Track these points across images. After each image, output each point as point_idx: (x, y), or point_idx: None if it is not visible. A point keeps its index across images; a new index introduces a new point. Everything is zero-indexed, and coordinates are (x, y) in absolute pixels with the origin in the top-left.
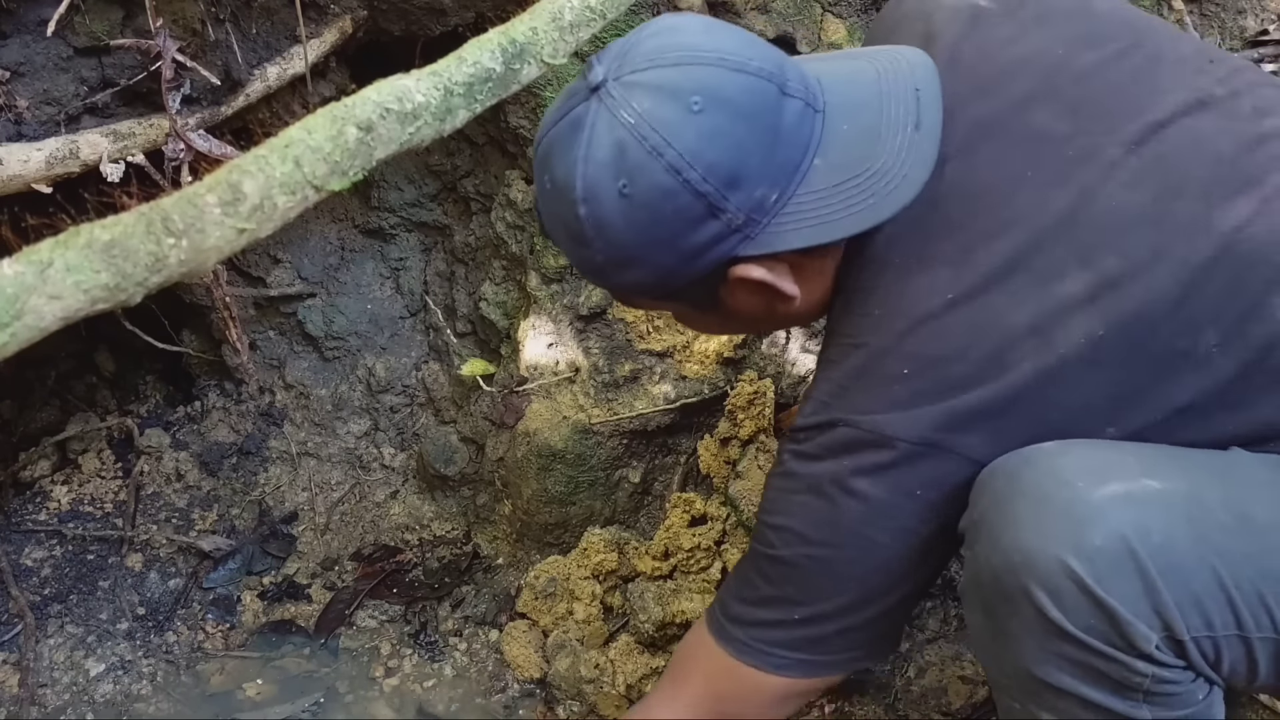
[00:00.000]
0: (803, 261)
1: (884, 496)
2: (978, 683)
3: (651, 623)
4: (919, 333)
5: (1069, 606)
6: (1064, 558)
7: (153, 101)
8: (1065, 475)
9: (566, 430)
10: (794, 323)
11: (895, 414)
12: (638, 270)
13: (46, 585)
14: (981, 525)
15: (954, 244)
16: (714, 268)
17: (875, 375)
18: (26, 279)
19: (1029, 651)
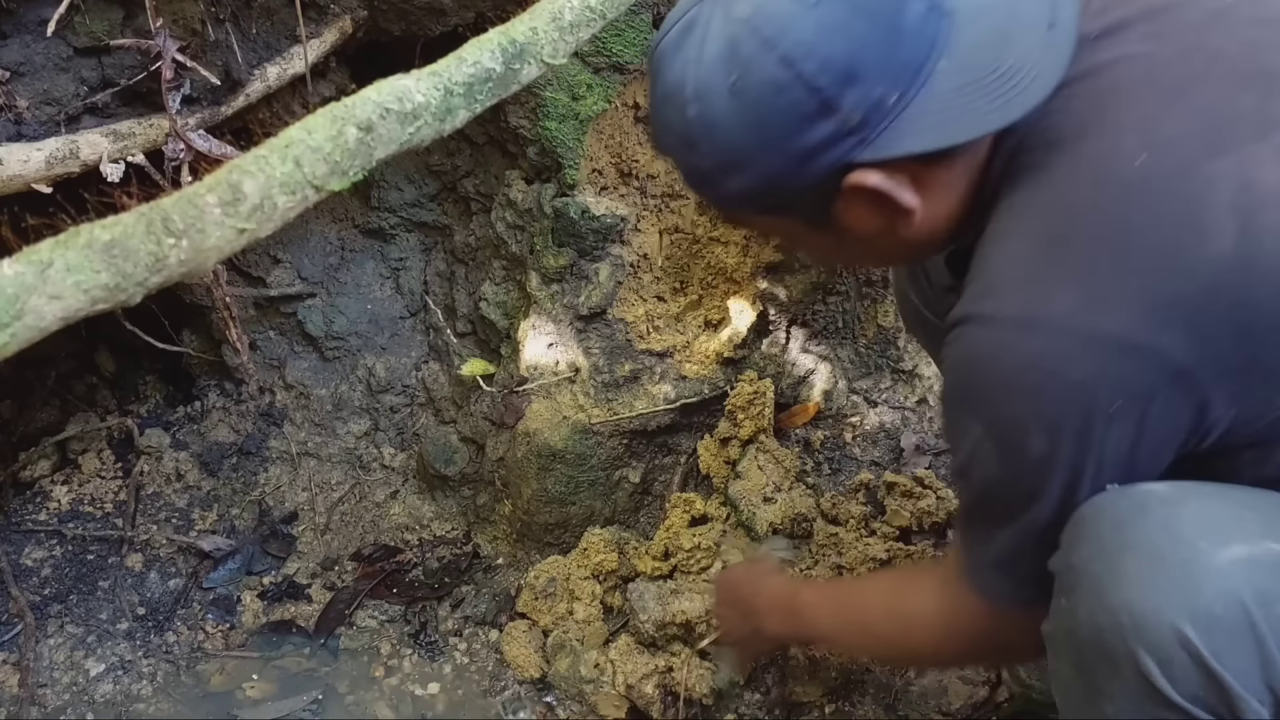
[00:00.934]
0: (924, 173)
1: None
2: (977, 683)
3: (652, 622)
4: (1109, 194)
5: (1178, 676)
6: (1179, 625)
7: (153, 101)
8: (1183, 532)
9: (566, 430)
10: (914, 253)
11: (1082, 305)
12: (745, 175)
13: (46, 585)
14: (1084, 575)
15: (1136, 113)
16: (827, 175)
17: (1056, 258)
18: (26, 279)
19: (1123, 714)
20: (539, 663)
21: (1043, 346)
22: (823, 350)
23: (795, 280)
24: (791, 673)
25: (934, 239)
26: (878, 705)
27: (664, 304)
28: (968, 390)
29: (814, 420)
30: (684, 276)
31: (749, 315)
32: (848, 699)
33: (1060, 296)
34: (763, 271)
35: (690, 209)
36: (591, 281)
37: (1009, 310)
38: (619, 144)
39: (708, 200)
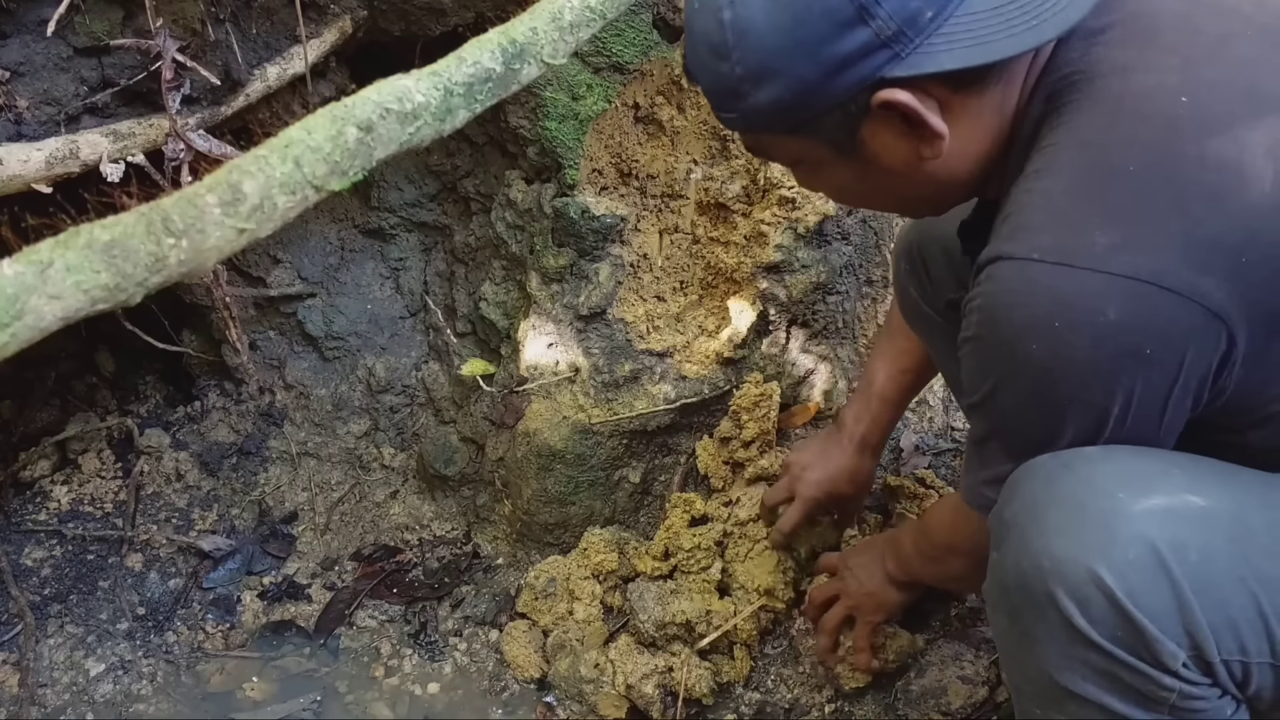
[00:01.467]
0: (954, 100)
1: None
2: (977, 683)
3: (652, 622)
4: (1152, 132)
5: (1096, 617)
6: (1095, 568)
7: (153, 101)
8: (1105, 484)
9: (566, 430)
10: (936, 194)
11: (1121, 245)
12: (776, 85)
13: (46, 585)
14: (1012, 527)
15: (1178, 57)
16: (858, 90)
17: (1095, 196)
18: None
19: (1053, 658)
20: (539, 663)
21: (1079, 287)
22: (823, 350)
23: (795, 280)
24: (791, 674)
25: (957, 180)
26: (877, 705)
27: (664, 304)
28: (997, 329)
29: (814, 420)
30: (684, 276)
31: (749, 315)
32: (848, 699)
33: (1099, 235)
34: (763, 271)
35: (690, 209)
36: (591, 281)
37: (1045, 248)
38: (619, 144)
39: (734, 123)
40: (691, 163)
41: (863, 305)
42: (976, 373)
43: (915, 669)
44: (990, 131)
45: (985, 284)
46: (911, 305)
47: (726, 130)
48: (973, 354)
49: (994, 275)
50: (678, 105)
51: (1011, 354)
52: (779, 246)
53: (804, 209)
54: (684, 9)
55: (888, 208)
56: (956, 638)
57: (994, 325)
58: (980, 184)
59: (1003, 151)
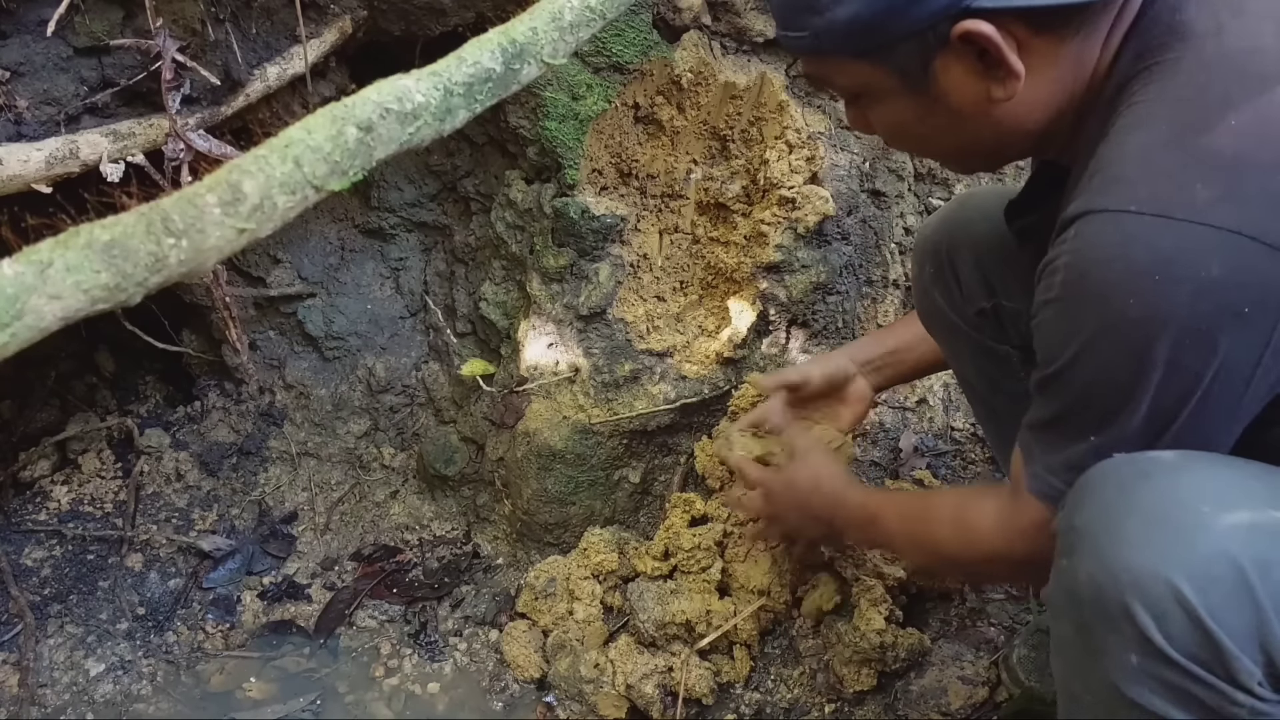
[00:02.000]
0: (1033, 42)
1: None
2: (977, 683)
3: (652, 622)
4: (1252, 89)
5: (1174, 632)
6: (1176, 582)
7: (153, 101)
8: (1186, 496)
9: (566, 430)
10: (998, 143)
11: (1223, 199)
12: (858, 1)
13: (46, 585)
14: (1085, 536)
15: (1271, 22)
16: (941, 17)
17: (1195, 150)
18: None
19: (1122, 671)
20: (539, 663)
21: (1180, 240)
22: (823, 350)
23: (795, 280)
24: (791, 674)
25: (1022, 129)
26: (877, 705)
27: (664, 304)
28: (1088, 286)
29: None
30: (684, 276)
31: (749, 315)
32: (848, 700)
33: (1200, 190)
34: (763, 271)
35: (690, 209)
36: (591, 281)
37: (1143, 200)
38: (619, 144)
39: (802, 42)
40: (691, 163)
41: (863, 305)
42: (1058, 338)
43: (915, 669)
44: (1065, 84)
45: (1073, 240)
46: (935, 311)
47: (727, 130)
48: (1056, 317)
49: (1085, 230)
50: (678, 105)
51: (1105, 312)
52: (779, 246)
53: (804, 209)
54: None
55: (942, 153)
56: (956, 638)
57: (1085, 282)
58: (1043, 141)
59: (1077, 110)
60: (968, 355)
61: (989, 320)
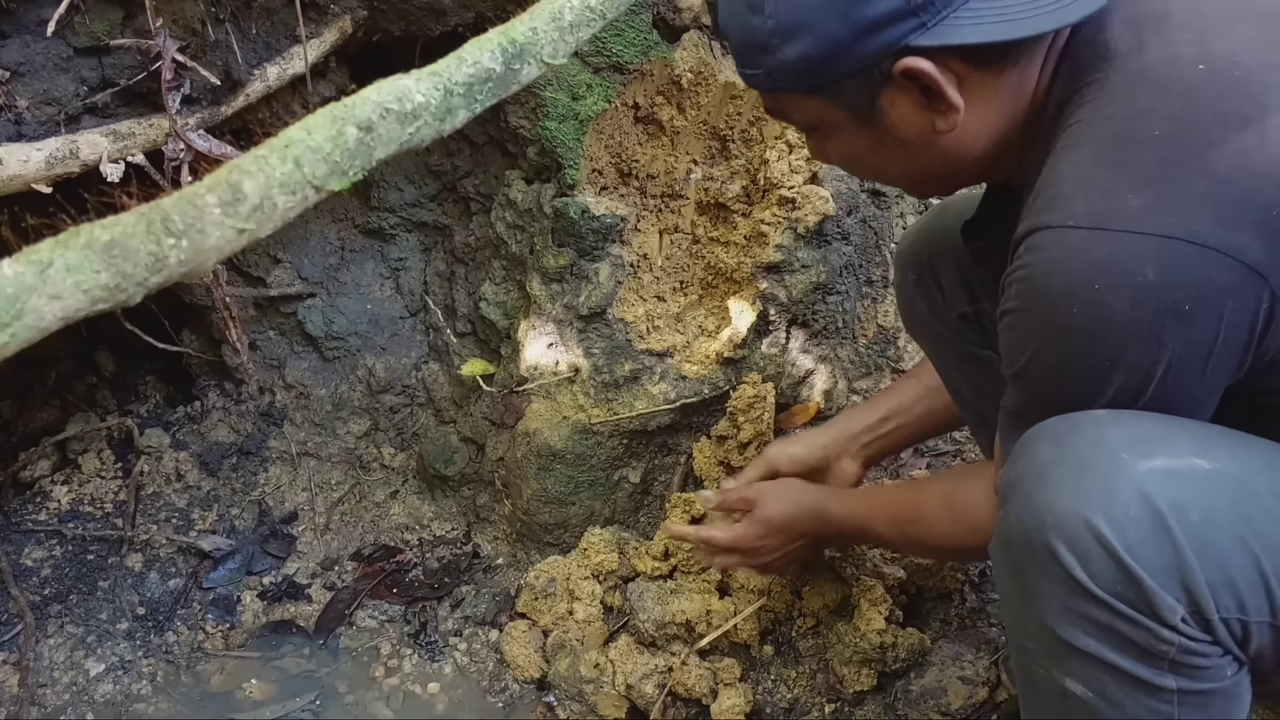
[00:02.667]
0: (972, 77)
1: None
2: (977, 683)
3: (652, 622)
4: (1173, 98)
5: (1096, 570)
6: (1094, 521)
7: (153, 101)
8: (1110, 445)
9: (566, 430)
10: (947, 171)
11: (1153, 207)
12: (805, 41)
13: (46, 585)
14: (1018, 484)
15: (1190, 33)
16: (882, 55)
17: (1124, 163)
18: (26, 279)
19: (1055, 612)
20: (539, 663)
21: (1115, 249)
22: (823, 350)
23: (795, 280)
24: (791, 674)
25: (969, 157)
26: (877, 705)
27: (664, 304)
28: (1037, 297)
29: (814, 420)
30: (684, 276)
31: (749, 315)
32: (848, 700)
33: (1130, 200)
34: (763, 271)
35: (690, 209)
36: (591, 281)
37: (1079, 216)
38: (619, 144)
39: (758, 80)
40: (691, 163)
41: (863, 305)
42: (1016, 344)
43: (915, 669)
44: (1006, 112)
45: (1024, 255)
46: (918, 317)
47: (727, 130)
48: (1012, 325)
49: (1032, 246)
50: (678, 105)
51: (1052, 320)
52: (779, 246)
53: (804, 209)
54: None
55: (897, 181)
56: (956, 638)
57: (1034, 294)
58: (991, 166)
59: (1021, 135)
60: (952, 361)
61: (971, 325)
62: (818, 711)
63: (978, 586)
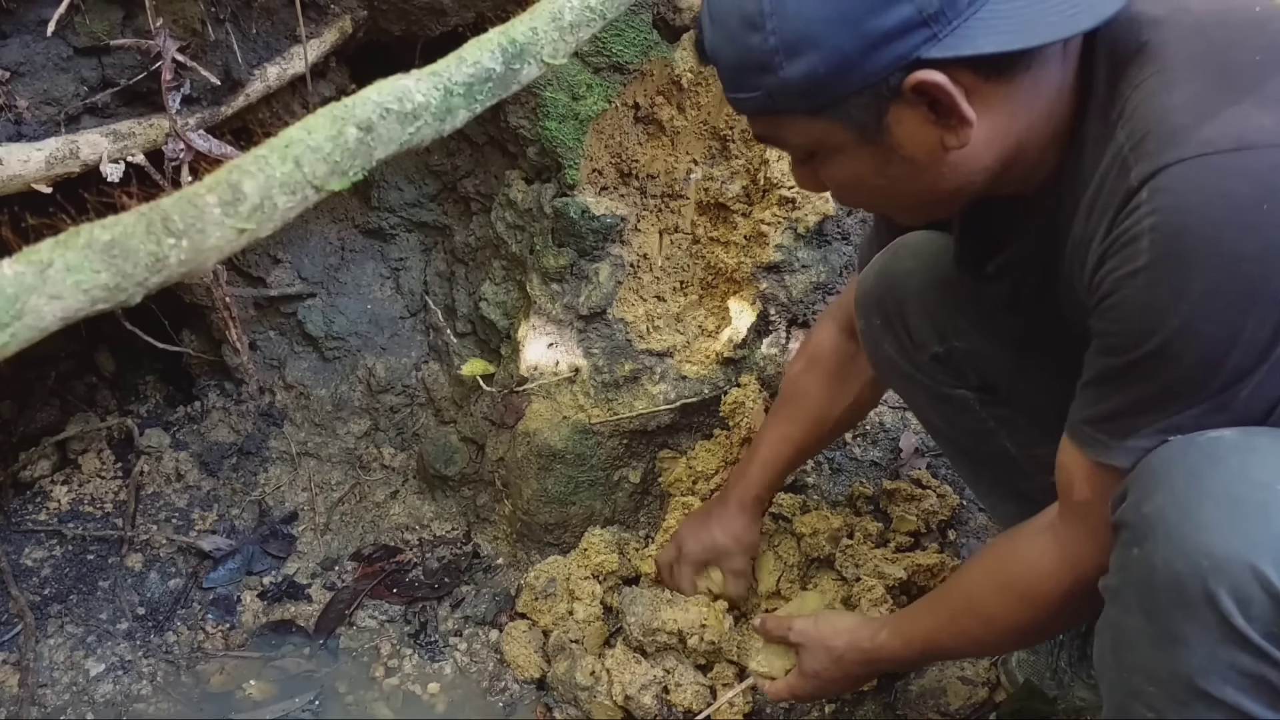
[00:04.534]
0: (983, 88)
1: None
2: (977, 684)
3: (639, 627)
4: (1248, 31)
5: (1256, 615)
6: (1258, 564)
7: (153, 101)
8: (1260, 476)
9: (566, 430)
10: (953, 190)
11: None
12: (812, 57)
13: (46, 585)
14: (1159, 523)
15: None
16: (892, 68)
17: (1234, 87)
18: (26, 279)
19: (1198, 660)
20: (539, 663)
21: (1273, 164)
22: None
23: (795, 280)
24: None
25: (979, 171)
26: (876, 705)
27: (664, 304)
28: (1190, 236)
29: None
30: (684, 276)
31: (749, 315)
32: (848, 700)
33: (1263, 118)
34: (763, 271)
35: (690, 209)
36: (591, 281)
37: (1215, 140)
38: (619, 144)
39: (755, 102)
40: (691, 163)
41: None
42: (1155, 306)
43: (915, 670)
44: (1018, 122)
45: (1155, 198)
46: (887, 361)
47: (727, 130)
48: (1149, 284)
49: (1165, 185)
50: (678, 105)
51: (1219, 257)
52: (779, 246)
53: (804, 209)
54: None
55: (898, 205)
56: None
57: (1185, 233)
58: (1001, 179)
59: (1044, 140)
60: (927, 402)
61: (942, 365)
62: (817, 711)
63: None
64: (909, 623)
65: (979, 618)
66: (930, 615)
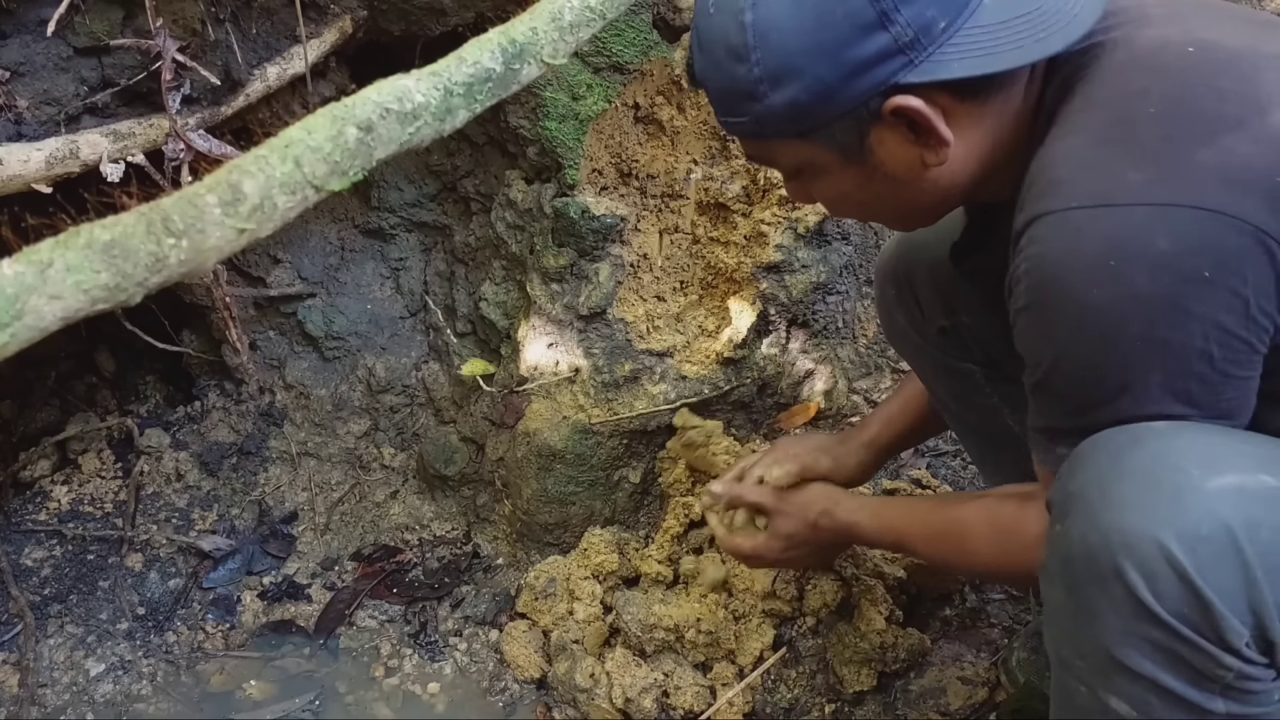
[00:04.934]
0: (958, 109)
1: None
2: (977, 684)
3: (638, 625)
4: (1166, 78)
5: (1163, 591)
6: (1165, 542)
7: (153, 101)
8: (1177, 460)
9: (566, 430)
10: (936, 202)
11: (1157, 179)
12: (794, 86)
13: (46, 585)
14: (1079, 500)
15: (1174, 26)
16: (871, 94)
17: (1121, 142)
18: (26, 279)
19: (1112, 632)
20: (539, 663)
21: (1124, 222)
22: (823, 350)
23: (795, 280)
24: (791, 674)
25: (957, 185)
26: (876, 705)
27: (664, 304)
28: (1051, 285)
29: (814, 420)
30: (684, 276)
31: (749, 315)
32: (848, 700)
33: (1133, 175)
34: (763, 271)
35: (690, 209)
36: (591, 281)
37: (1082, 195)
38: (619, 144)
39: (743, 128)
40: (691, 163)
41: (863, 305)
42: (1037, 343)
43: (915, 669)
44: (991, 137)
45: (1029, 246)
46: (899, 332)
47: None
48: (1029, 323)
49: (1036, 235)
50: (678, 105)
51: (1071, 306)
52: (779, 246)
53: (804, 209)
54: (694, 14)
55: (884, 217)
56: (956, 638)
57: (1047, 282)
58: (978, 189)
59: (1010, 152)
60: (934, 374)
61: (950, 338)
62: (818, 711)
63: (978, 587)
64: (890, 513)
65: (962, 547)
66: (913, 519)
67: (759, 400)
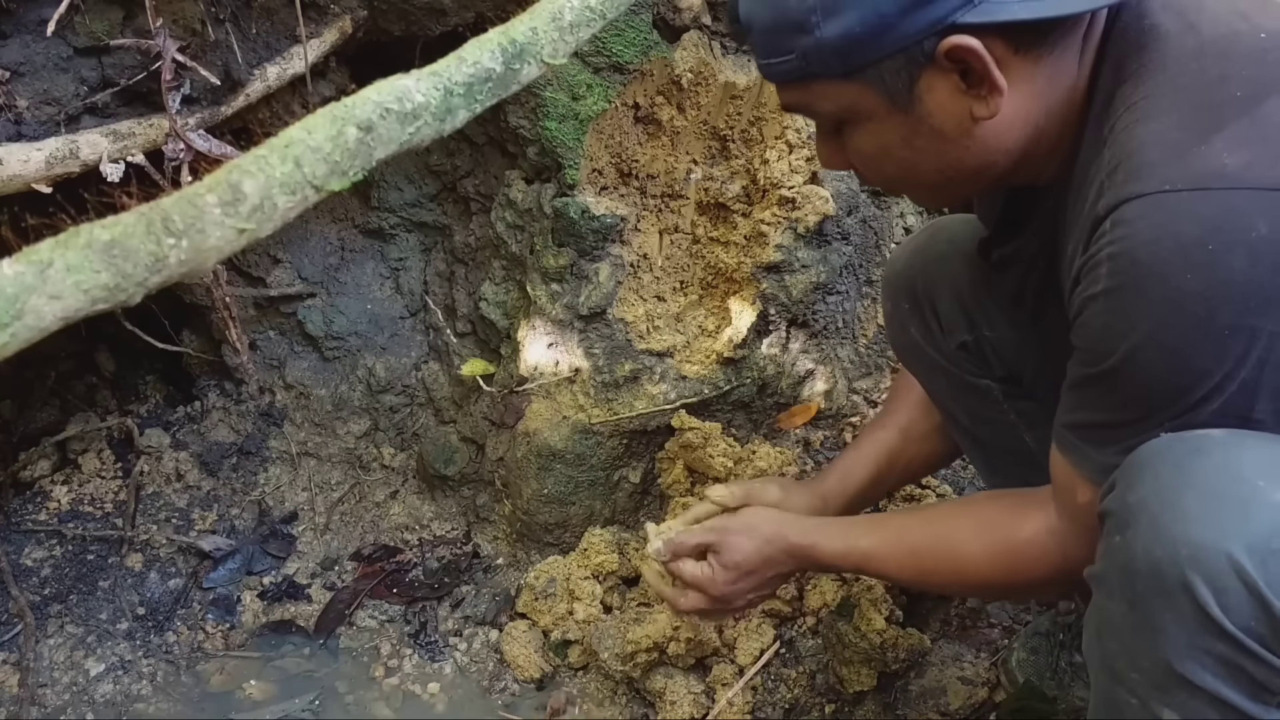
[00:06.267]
0: (1012, 60)
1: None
2: (977, 684)
3: (615, 657)
4: (1245, 65)
5: (1232, 605)
6: (1236, 555)
7: (153, 101)
8: (1243, 471)
9: (566, 430)
10: (983, 161)
11: (1257, 161)
12: (850, 16)
13: (46, 585)
14: (1141, 512)
15: (1234, 13)
16: (928, 32)
17: (1213, 124)
18: (26, 279)
19: (1175, 646)
20: (539, 663)
21: (1222, 206)
22: (823, 350)
23: (795, 280)
24: (791, 674)
25: (1003, 150)
26: (876, 705)
27: (664, 304)
28: (1142, 269)
29: (814, 420)
30: (684, 276)
31: (749, 315)
32: (848, 700)
33: (1227, 158)
34: (763, 271)
35: (690, 209)
36: (591, 281)
37: (1175, 178)
38: (619, 144)
39: (788, 65)
40: (691, 163)
41: (863, 305)
42: (1113, 329)
43: (915, 669)
44: (1043, 101)
45: (1114, 230)
46: (911, 346)
47: (727, 130)
48: (1108, 309)
49: (1124, 217)
50: (678, 105)
51: (1162, 290)
52: (779, 246)
53: (804, 209)
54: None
55: (923, 181)
56: (956, 638)
57: (1138, 265)
58: (1021, 163)
59: (1057, 130)
60: (948, 390)
61: (970, 353)
62: (818, 711)
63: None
64: (855, 532)
65: (954, 566)
66: (883, 535)
67: (759, 400)
